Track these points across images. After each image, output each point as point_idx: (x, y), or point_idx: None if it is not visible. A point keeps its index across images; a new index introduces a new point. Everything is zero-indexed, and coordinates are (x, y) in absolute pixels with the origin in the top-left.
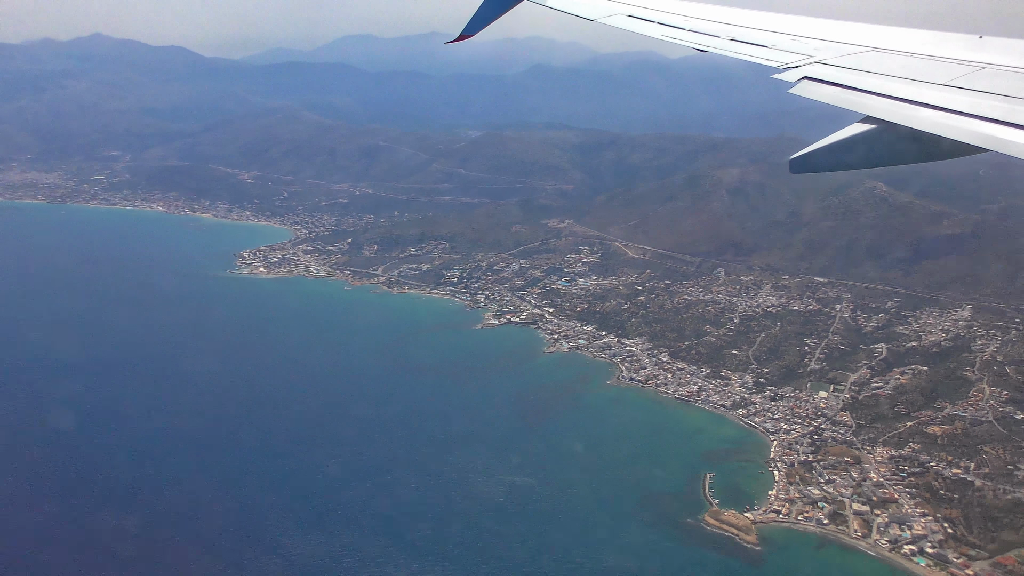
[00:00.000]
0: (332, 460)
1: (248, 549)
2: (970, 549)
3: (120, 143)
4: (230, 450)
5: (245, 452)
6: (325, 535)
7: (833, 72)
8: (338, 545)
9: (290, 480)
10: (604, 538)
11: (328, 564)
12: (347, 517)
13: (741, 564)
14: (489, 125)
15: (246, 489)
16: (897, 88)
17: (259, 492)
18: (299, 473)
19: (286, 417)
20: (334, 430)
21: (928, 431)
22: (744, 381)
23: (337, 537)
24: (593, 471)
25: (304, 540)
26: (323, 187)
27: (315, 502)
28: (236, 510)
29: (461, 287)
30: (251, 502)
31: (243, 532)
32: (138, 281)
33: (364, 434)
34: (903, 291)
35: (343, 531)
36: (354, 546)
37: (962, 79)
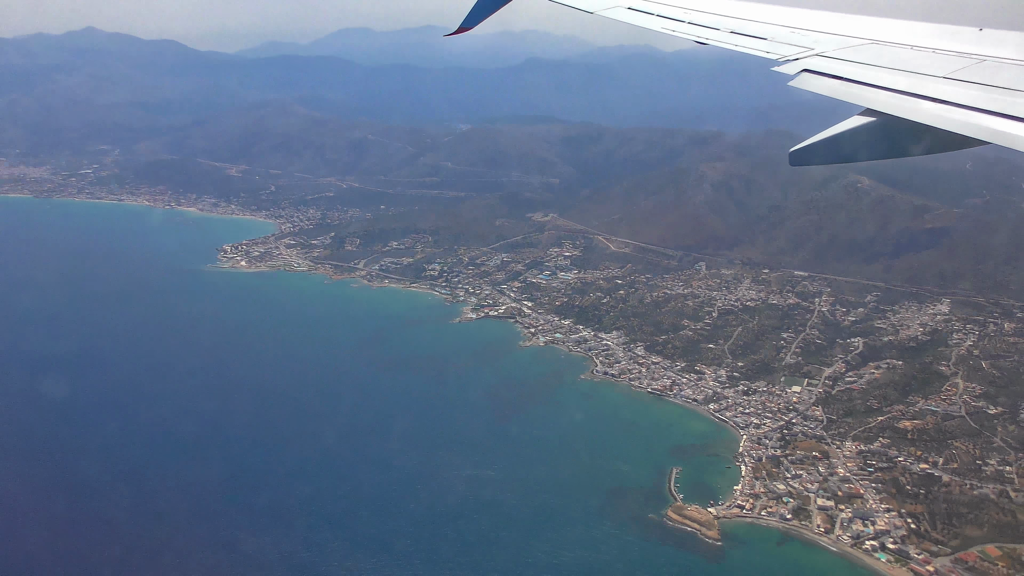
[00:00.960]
0: (292, 455)
1: (200, 544)
2: (932, 545)
3: (109, 137)
4: (188, 443)
5: (204, 445)
6: (280, 530)
7: (833, 65)
8: (292, 540)
9: (246, 474)
10: (564, 534)
11: (281, 559)
12: (304, 512)
13: (701, 560)
14: (480, 119)
15: (203, 483)
16: (897, 81)
17: (215, 486)
18: (256, 467)
19: (250, 411)
20: (299, 425)
21: (899, 426)
22: (718, 375)
23: (291, 532)
24: (559, 466)
25: (258, 535)
26: (310, 181)
27: (271, 497)
28: (191, 504)
29: (441, 281)
30: (207, 496)
31: (197, 526)
32: (115, 275)
33: (329, 428)
34: (882, 285)
35: (298, 526)
36: (308, 541)
37: (962, 72)
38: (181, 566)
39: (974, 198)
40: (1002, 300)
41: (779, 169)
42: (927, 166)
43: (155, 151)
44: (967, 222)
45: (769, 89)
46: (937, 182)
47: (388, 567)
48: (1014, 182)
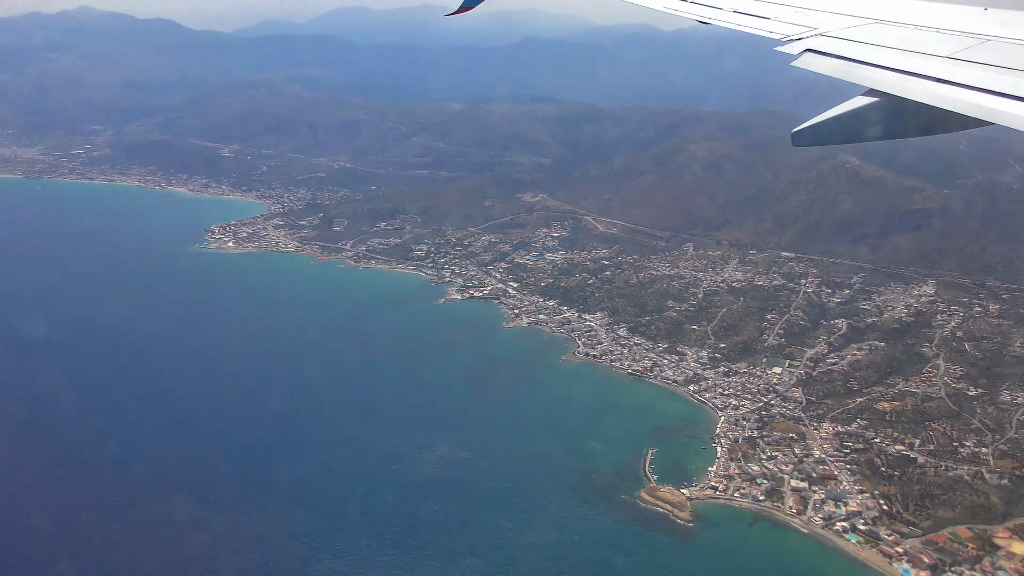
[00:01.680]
0: (267, 434)
1: (172, 525)
2: (903, 526)
3: (102, 117)
4: (161, 424)
5: (177, 426)
6: (249, 510)
7: (836, 44)
8: (262, 520)
9: (222, 455)
10: (535, 514)
11: (254, 541)
12: (274, 492)
13: (671, 541)
14: (475, 98)
15: (177, 464)
16: (900, 60)
17: (190, 467)
18: (228, 447)
19: (224, 391)
20: (275, 405)
21: (878, 407)
22: (699, 357)
23: (264, 513)
24: (534, 447)
25: (231, 516)
26: (302, 161)
27: (245, 478)
28: (164, 485)
29: (428, 262)
30: (180, 477)
31: (169, 508)
32: (100, 256)
33: (304, 409)
34: (869, 266)
35: (268, 506)
36: (278, 521)
37: (966, 51)
38: (148, 546)
39: (965, 179)
40: (988, 282)
41: (772, 149)
42: (919, 146)
43: (148, 131)
44: (956, 203)
45: (769, 69)
46: (929, 162)
47: (357, 548)
48: (1007, 163)
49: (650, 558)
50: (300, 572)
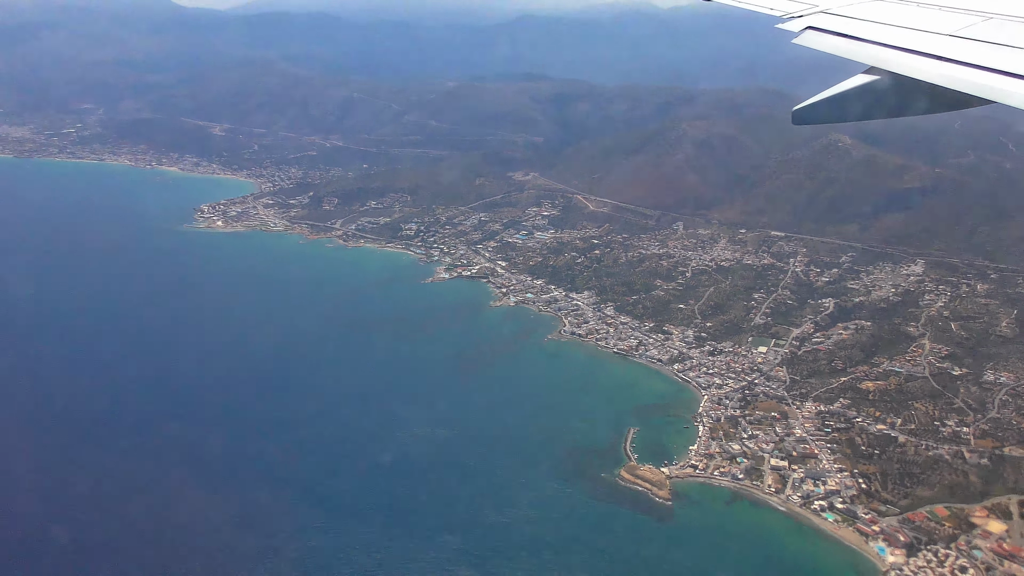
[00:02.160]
0: (250, 414)
1: (146, 503)
2: (881, 505)
3: (94, 96)
4: (141, 403)
5: (158, 404)
6: (230, 488)
7: (837, 22)
8: (242, 498)
9: (201, 433)
10: (514, 493)
11: (229, 517)
12: (255, 470)
13: (649, 519)
14: (469, 76)
15: (155, 441)
16: (902, 38)
17: (167, 445)
18: (209, 425)
19: (208, 370)
20: (259, 384)
21: (861, 387)
22: (685, 336)
23: (241, 489)
24: (516, 425)
25: (207, 492)
26: (294, 140)
27: (221, 454)
28: (141, 462)
29: (417, 241)
30: (158, 455)
31: (144, 486)
32: (88, 235)
33: (290, 388)
34: (858, 246)
35: (249, 483)
36: (258, 499)
37: (968, 29)
38: (125, 523)
39: (959, 157)
40: (977, 261)
41: (764, 127)
42: (913, 124)
43: (139, 110)
44: (947, 182)
45: (766, 46)
46: (922, 141)
47: (337, 526)
48: (1001, 141)
49: (627, 536)
50: (279, 549)
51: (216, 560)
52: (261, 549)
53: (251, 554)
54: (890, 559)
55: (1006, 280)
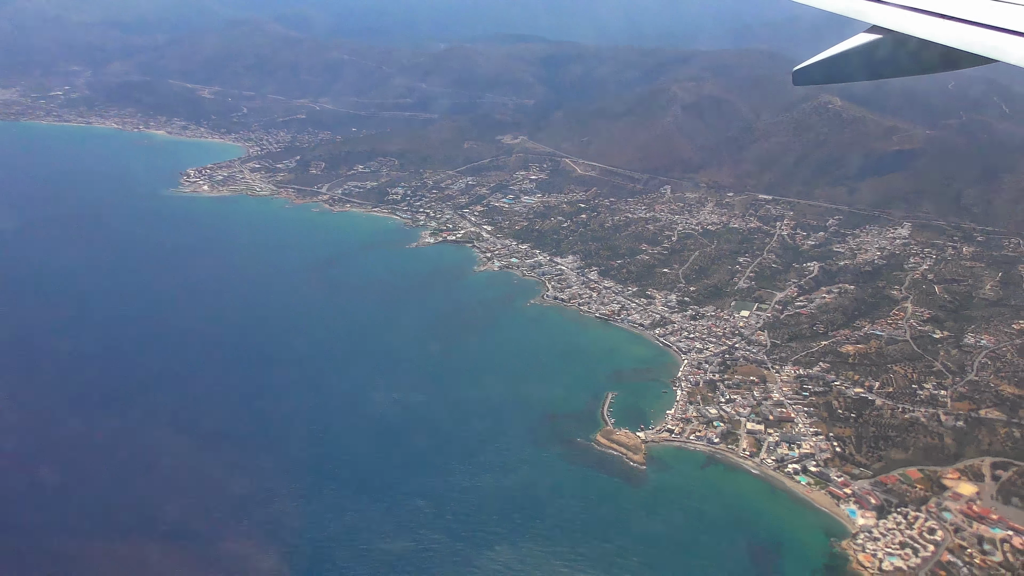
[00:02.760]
0: (226, 377)
1: (119, 467)
2: (855, 468)
3: (81, 58)
4: (117, 367)
5: (132, 367)
6: (206, 452)
7: None
8: (217, 462)
9: (179, 398)
10: (488, 457)
11: (203, 481)
12: (229, 434)
13: (622, 483)
14: (460, 37)
15: (129, 407)
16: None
17: (141, 410)
18: (189, 391)
19: (187, 334)
20: (236, 348)
21: (841, 350)
22: (668, 300)
23: (216, 454)
24: (494, 390)
25: (180, 458)
26: (283, 103)
27: (202, 420)
28: (113, 426)
29: (403, 205)
30: (131, 421)
31: (118, 451)
32: (71, 199)
33: (266, 352)
34: (846, 208)
35: (223, 448)
36: (232, 463)
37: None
38: (94, 491)
39: (950, 118)
40: (964, 224)
41: (756, 89)
42: (906, 85)
43: (127, 72)
44: (937, 144)
45: (760, 6)
46: (915, 102)
47: (308, 489)
48: (994, 102)
49: (599, 500)
50: (252, 513)
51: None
52: (234, 512)
53: (219, 517)
54: (860, 521)
55: (992, 242)
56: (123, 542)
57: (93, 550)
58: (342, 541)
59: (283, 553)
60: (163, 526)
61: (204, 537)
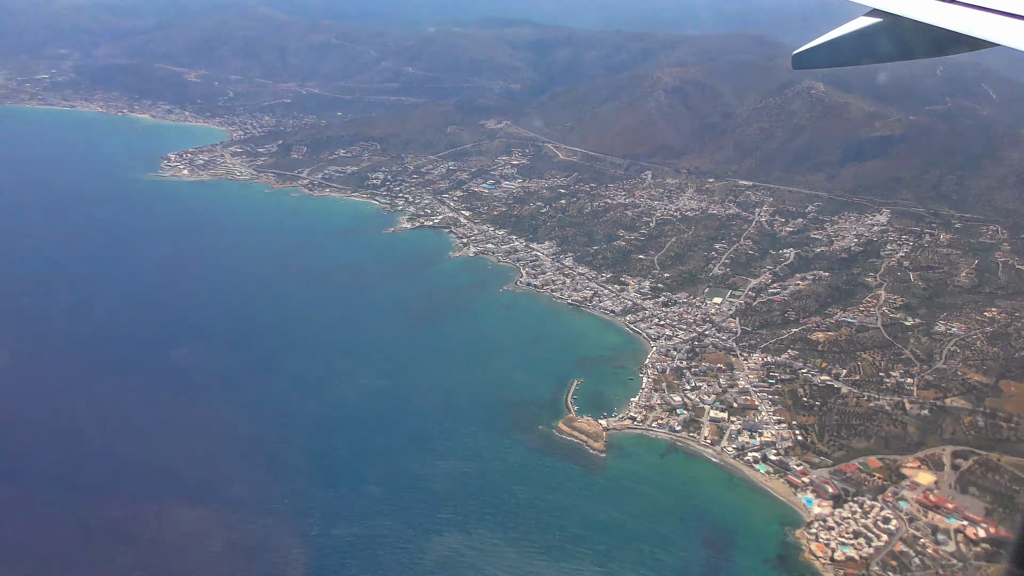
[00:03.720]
0: (190, 361)
1: (77, 452)
2: (815, 456)
3: (69, 41)
4: (81, 352)
5: (97, 353)
6: (162, 439)
7: None
8: (169, 448)
9: (141, 385)
10: (446, 444)
11: (153, 468)
12: (184, 418)
13: (581, 471)
14: (449, 20)
15: (90, 393)
16: None
17: (102, 396)
18: (151, 378)
19: (152, 323)
20: (201, 335)
21: (811, 337)
22: (641, 287)
23: (175, 443)
24: (459, 376)
25: (132, 445)
26: (269, 87)
27: (161, 407)
28: (75, 411)
29: (383, 190)
30: (94, 406)
31: (76, 436)
32: (49, 184)
33: (231, 339)
34: (825, 195)
35: (179, 432)
36: (183, 449)
37: None
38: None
39: (935, 104)
40: (943, 210)
41: (741, 74)
42: (893, 71)
43: (114, 55)
44: (919, 129)
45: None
46: (900, 88)
47: (263, 475)
48: (982, 88)
49: (555, 488)
50: (204, 498)
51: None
52: (185, 497)
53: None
54: (816, 510)
55: (970, 229)
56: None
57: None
58: (290, 527)
59: (230, 539)
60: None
61: (151, 523)
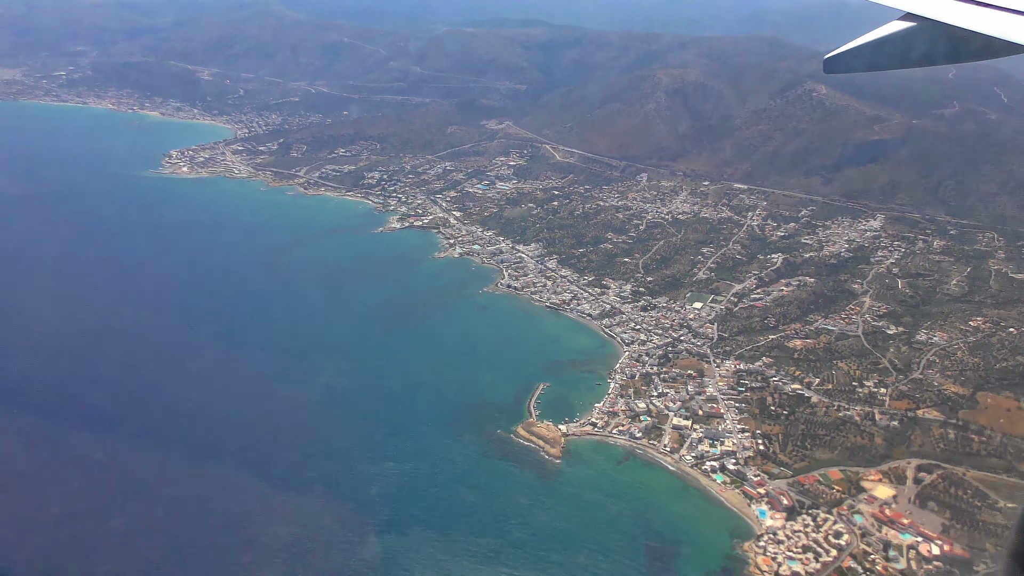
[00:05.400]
0: (154, 359)
1: (42, 453)
2: (775, 467)
3: (89, 38)
4: (46, 350)
5: (63, 351)
6: (114, 436)
7: None
8: (122, 444)
9: (113, 380)
10: (400, 445)
11: (105, 463)
12: (133, 414)
13: (533, 476)
14: (465, 21)
15: (57, 391)
16: None
17: (67, 395)
18: (120, 373)
19: (126, 315)
20: (173, 331)
21: (789, 345)
22: (622, 290)
23: (123, 437)
24: (425, 378)
25: (83, 438)
26: (280, 85)
27: (123, 405)
28: (39, 408)
29: (377, 189)
30: (60, 406)
31: (45, 437)
32: (49, 179)
33: (203, 334)
34: (820, 199)
35: (130, 428)
36: (132, 444)
37: None
38: None
39: (943, 107)
40: (939, 216)
41: (743, 76)
42: (903, 73)
43: (130, 53)
44: (920, 133)
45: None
46: (908, 91)
47: (209, 473)
48: (994, 92)
49: (502, 493)
50: (154, 492)
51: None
52: (122, 493)
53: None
54: (768, 522)
55: (965, 236)
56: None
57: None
58: (230, 527)
59: (168, 540)
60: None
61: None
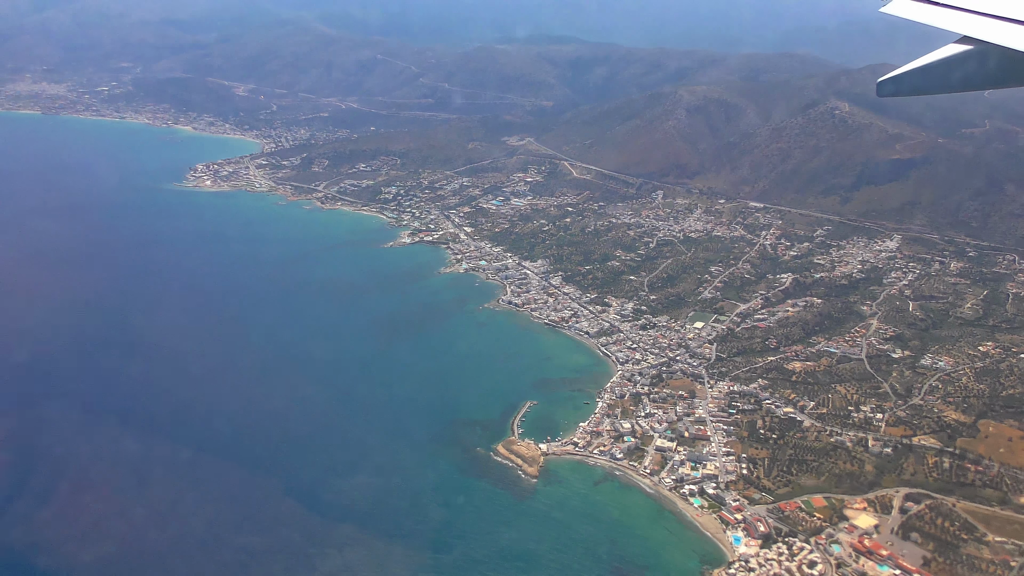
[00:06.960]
0: (146, 366)
1: (26, 452)
2: (757, 492)
3: (133, 54)
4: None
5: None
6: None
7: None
8: (99, 439)
9: (101, 387)
10: (372, 460)
11: (86, 469)
12: (116, 418)
13: (507, 496)
14: (501, 38)
15: (46, 392)
16: (996, 6)
17: (56, 397)
18: (111, 380)
19: (128, 324)
20: (169, 340)
21: (788, 367)
22: (623, 308)
23: (94, 436)
24: (413, 394)
25: (94, 440)
26: (312, 101)
27: (110, 408)
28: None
29: (393, 204)
30: (50, 410)
31: (25, 437)
32: (74, 192)
33: (195, 350)
34: (836, 219)
35: (107, 427)
36: (112, 449)
37: None
38: None
39: (973, 127)
40: (958, 238)
41: (767, 93)
42: None
43: (172, 69)
44: (943, 153)
45: (818, 11)
46: (938, 109)
47: (192, 479)
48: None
49: (472, 510)
50: (125, 490)
51: None
52: (109, 489)
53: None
54: (742, 549)
55: (984, 258)
56: None
57: None
58: (197, 536)
59: (130, 549)
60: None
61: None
